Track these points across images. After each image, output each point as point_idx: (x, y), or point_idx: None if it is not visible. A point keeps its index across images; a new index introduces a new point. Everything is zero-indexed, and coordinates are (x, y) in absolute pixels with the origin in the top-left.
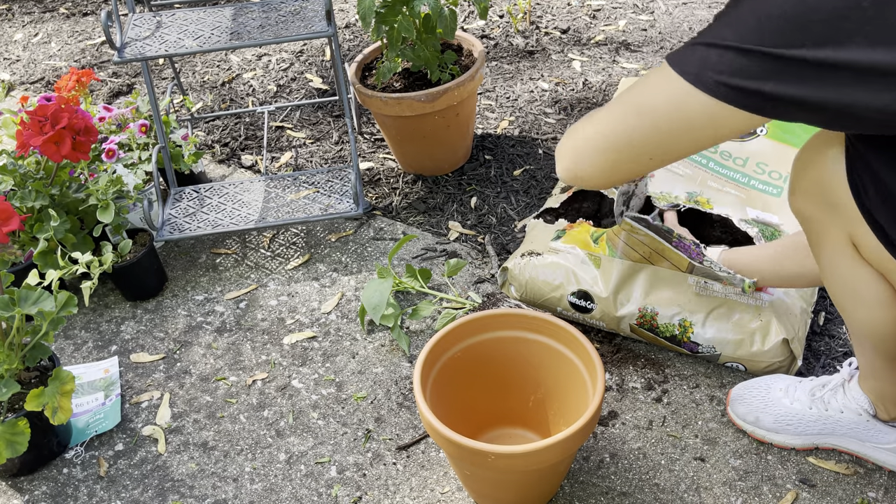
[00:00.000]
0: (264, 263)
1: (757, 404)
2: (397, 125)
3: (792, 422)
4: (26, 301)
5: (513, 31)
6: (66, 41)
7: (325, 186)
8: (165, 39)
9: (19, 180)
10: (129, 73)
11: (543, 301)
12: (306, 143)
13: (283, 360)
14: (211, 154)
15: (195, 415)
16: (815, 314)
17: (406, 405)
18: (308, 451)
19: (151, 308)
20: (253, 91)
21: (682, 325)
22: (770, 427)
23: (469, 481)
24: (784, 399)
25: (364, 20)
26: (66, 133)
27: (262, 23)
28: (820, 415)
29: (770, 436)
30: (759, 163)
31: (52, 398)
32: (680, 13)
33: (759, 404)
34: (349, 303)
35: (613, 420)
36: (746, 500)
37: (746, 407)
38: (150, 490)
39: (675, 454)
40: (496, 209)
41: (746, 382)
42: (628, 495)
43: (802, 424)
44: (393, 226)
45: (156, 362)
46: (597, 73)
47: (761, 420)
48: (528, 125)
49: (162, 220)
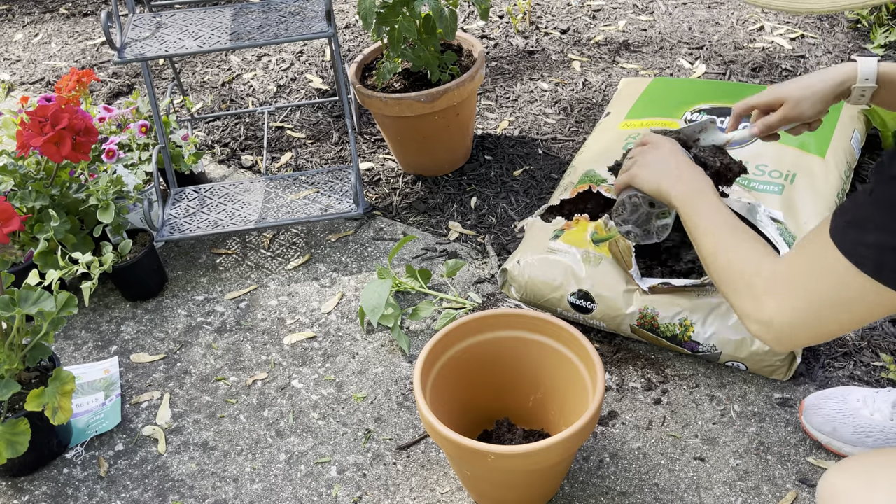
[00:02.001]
0: (264, 263)
1: (834, 415)
2: (397, 125)
3: (872, 434)
4: (27, 301)
5: (513, 31)
6: (67, 41)
7: (325, 186)
8: (165, 40)
9: (20, 180)
10: (129, 73)
11: (544, 302)
12: (306, 143)
13: (283, 360)
14: (211, 154)
15: (195, 415)
16: None
17: (406, 405)
18: (308, 451)
19: (151, 308)
20: (253, 91)
21: (683, 324)
22: (848, 440)
23: (469, 481)
24: (863, 410)
25: (365, 21)
26: (67, 133)
27: (262, 23)
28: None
29: (847, 448)
30: (758, 165)
31: (53, 398)
32: (680, 13)
33: (837, 415)
34: (349, 303)
35: (613, 420)
36: (746, 500)
37: (823, 417)
38: (150, 490)
39: (675, 454)
40: (496, 209)
41: (820, 392)
42: (628, 495)
43: (882, 437)
44: (393, 226)
45: (156, 362)
46: (597, 74)
47: (839, 431)
48: (528, 125)
49: (162, 220)
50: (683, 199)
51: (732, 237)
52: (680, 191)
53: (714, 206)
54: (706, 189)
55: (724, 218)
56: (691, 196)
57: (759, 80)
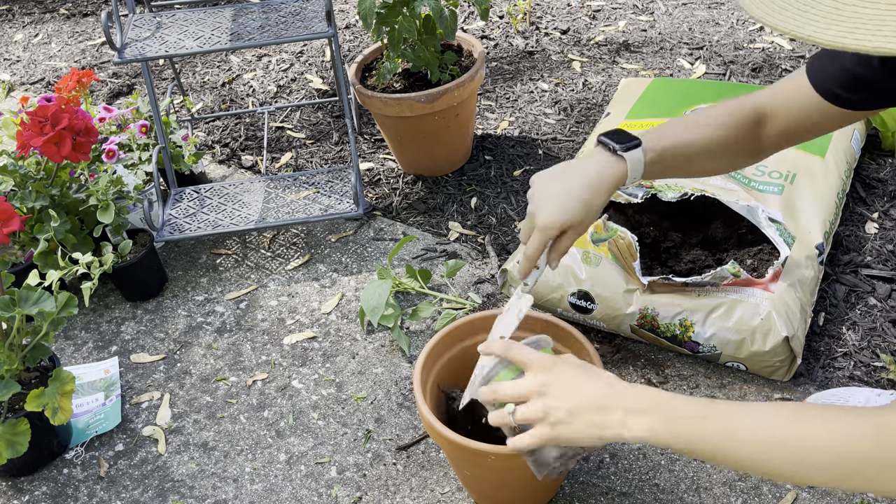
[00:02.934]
0: (264, 264)
1: None
2: (397, 126)
3: None
4: (27, 301)
5: (513, 31)
6: (67, 42)
7: (326, 187)
8: (165, 40)
9: (20, 181)
10: (129, 73)
11: (544, 302)
12: (306, 143)
13: (284, 360)
14: (211, 154)
15: (195, 415)
16: (815, 314)
17: (406, 405)
18: (308, 451)
19: (151, 308)
20: (253, 91)
21: (683, 324)
22: None
23: (469, 482)
24: None
25: (365, 21)
26: (67, 134)
27: (263, 23)
28: None
29: None
30: (758, 165)
31: (53, 398)
32: (680, 14)
33: None
34: (349, 303)
35: None
36: (746, 500)
37: None
38: (150, 490)
39: (675, 454)
40: (496, 209)
41: (821, 393)
42: (628, 495)
43: None
44: (393, 226)
45: (156, 363)
46: (597, 74)
47: None
48: (528, 125)
49: (162, 220)
50: (669, 441)
51: (795, 420)
52: (649, 426)
53: (716, 410)
54: (673, 400)
55: (751, 412)
56: (678, 431)
57: (760, 80)
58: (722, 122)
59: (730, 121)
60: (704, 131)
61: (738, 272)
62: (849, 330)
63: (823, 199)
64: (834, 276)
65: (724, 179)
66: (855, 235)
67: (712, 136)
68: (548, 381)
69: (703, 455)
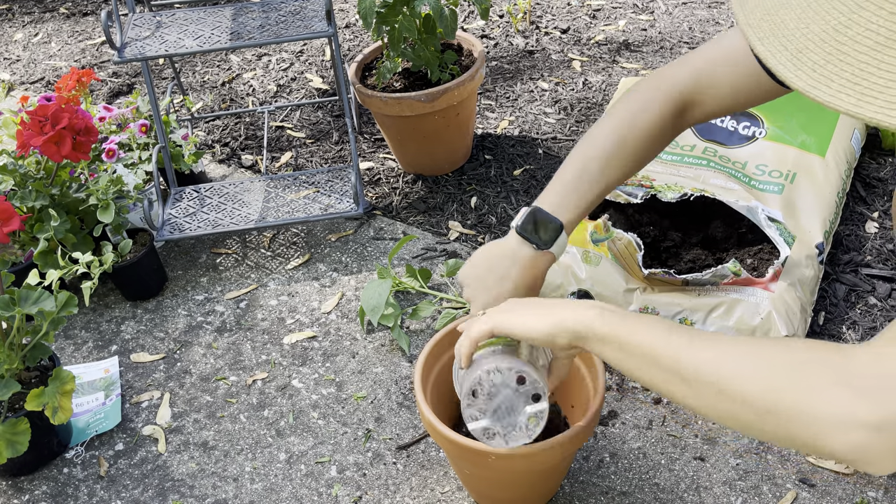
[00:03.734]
0: (264, 263)
1: None
2: (397, 125)
3: None
4: (27, 301)
5: (513, 30)
6: (67, 41)
7: (326, 186)
8: (165, 39)
9: (20, 180)
10: (129, 73)
11: None
12: (306, 142)
13: (284, 359)
14: (211, 154)
15: (195, 414)
16: (816, 313)
17: (406, 405)
18: (308, 450)
19: (151, 308)
20: (253, 91)
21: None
22: None
23: (469, 481)
24: None
25: (365, 20)
26: (67, 133)
27: (262, 23)
28: None
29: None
30: (758, 164)
31: (53, 398)
32: (680, 13)
33: None
34: (349, 303)
35: (613, 420)
36: (746, 499)
37: None
38: (150, 490)
39: (675, 454)
40: (496, 209)
41: None
42: (628, 495)
43: None
44: (393, 226)
45: (156, 362)
46: (597, 73)
47: None
48: (528, 125)
49: (162, 219)
50: (614, 325)
51: (744, 346)
52: (597, 317)
53: (667, 323)
54: (621, 309)
55: (699, 334)
56: (623, 319)
57: None
58: (635, 149)
59: (646, 144)
60: (620, 169)
61: (739, 270)
62: (849, 329)
63: (823, 199)
64: (834, 275)
65: (725, 179)
66: (855, 235)
67: (627, 169)
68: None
69: (636, 357)
